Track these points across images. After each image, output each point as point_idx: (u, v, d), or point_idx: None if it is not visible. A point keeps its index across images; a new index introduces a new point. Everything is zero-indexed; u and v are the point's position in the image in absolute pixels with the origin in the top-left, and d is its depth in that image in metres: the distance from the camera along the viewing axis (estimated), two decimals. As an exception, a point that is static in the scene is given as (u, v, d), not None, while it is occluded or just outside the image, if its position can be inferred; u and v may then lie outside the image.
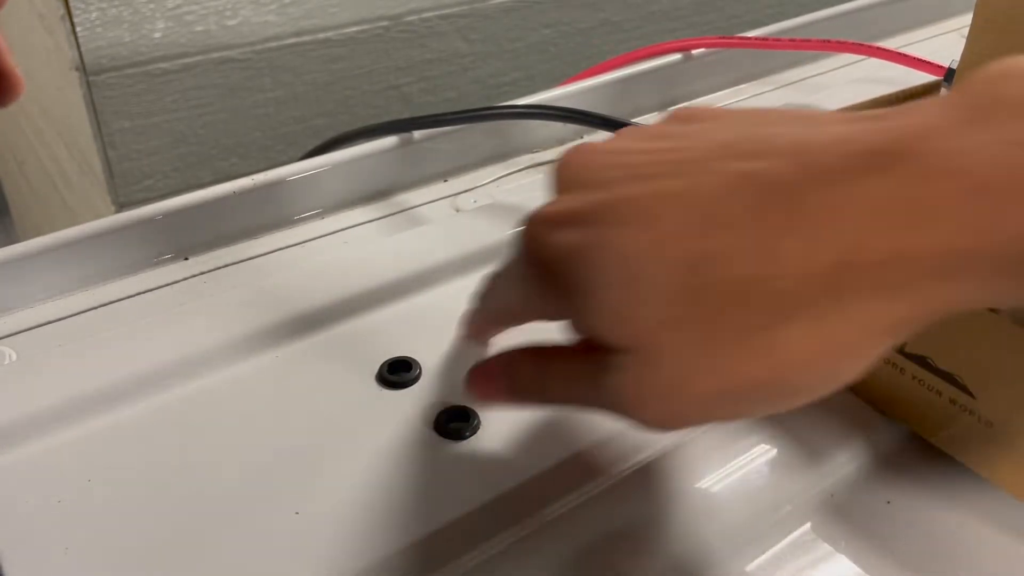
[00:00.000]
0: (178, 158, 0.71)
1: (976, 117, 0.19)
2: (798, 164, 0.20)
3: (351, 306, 0.38)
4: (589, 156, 0.25)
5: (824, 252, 0.19)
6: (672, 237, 0.21)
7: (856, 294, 0.20)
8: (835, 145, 0.20)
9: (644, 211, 0.21)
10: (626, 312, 0.21)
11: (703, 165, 0.22)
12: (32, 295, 0.39)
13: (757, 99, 0.59)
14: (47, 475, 0.30)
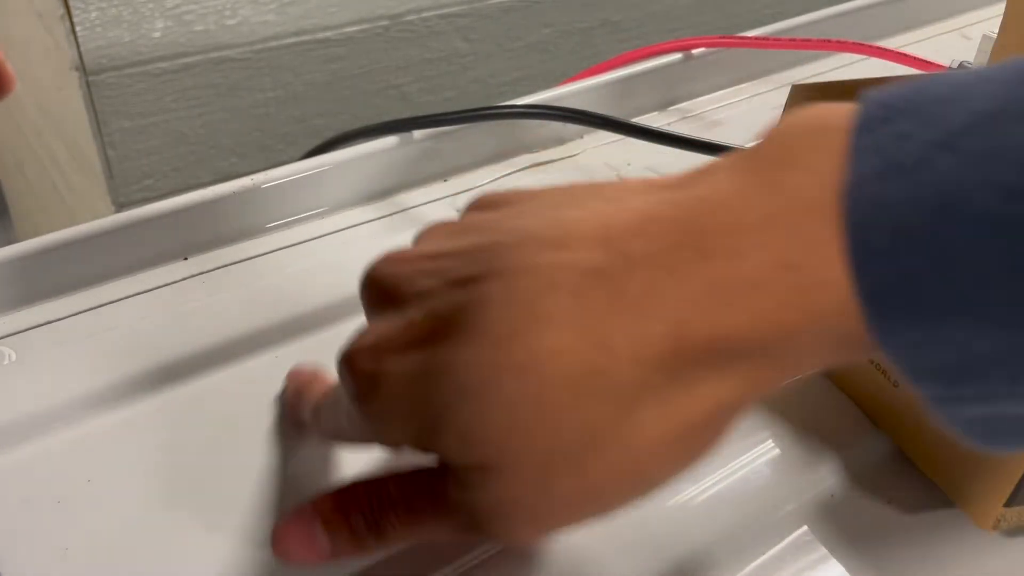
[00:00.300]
0: (178, 158, 0.71)
1: (766, 184, 0.19)
2: (607, 250, 0.20)
3: (351, 306, 0.38)
4: (399, 267, 0.24)
5: (653, 337, 0.19)
6: (502, 343, 0.20)
7: (692, 374, 0.19)
8: (639, 226, 0.20)
9: (469, 322, 0.20)
10: (474, 428, 0.20)
11: (516, 261, 0.21)
12: (32, 295, 0.39)
13: (757, 99, 0.59)
14: (47, 475, 0.30)
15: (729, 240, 0.19)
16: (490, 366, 0.20)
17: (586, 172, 0.50)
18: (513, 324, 0.20)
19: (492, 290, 0.21)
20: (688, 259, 0.19)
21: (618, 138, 0.53)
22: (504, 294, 0.20)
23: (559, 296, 0.20)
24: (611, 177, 0.49)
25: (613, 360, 0.19)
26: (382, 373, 0.22)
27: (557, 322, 0.20)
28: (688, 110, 0.58)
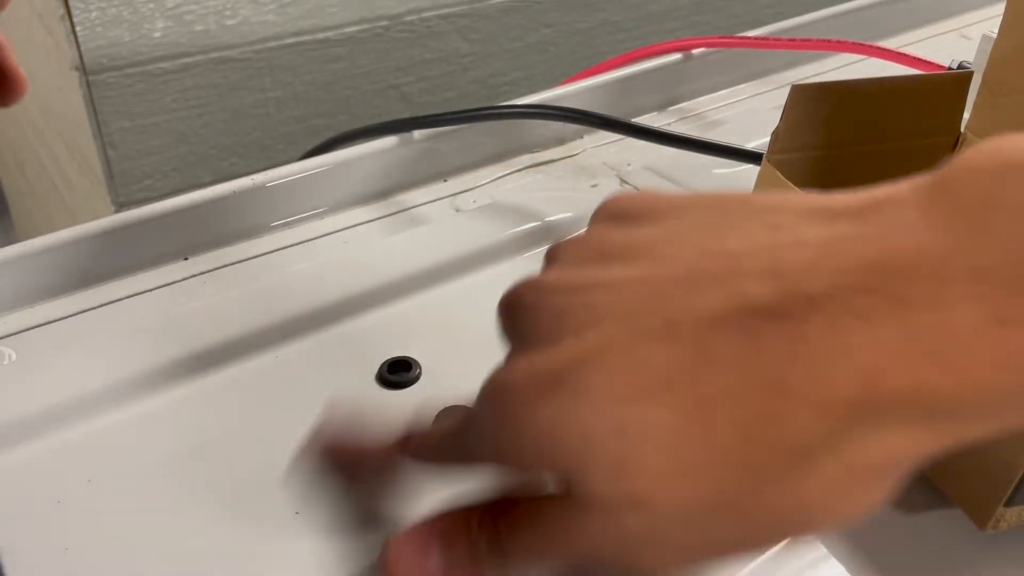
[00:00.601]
0: (178, 158, 0.71)
1: (973, 230, 0.18)
2: (782, 288, 0.19)
3: (351, 306, 0.38)
4: (543, 298, 0.22)
5: (838, 385, 0.18)
6: (663, 382, 0.19)
7: (878, 427, 0.18)
8: (819, 263, 0.19)
9: (626, 357, 0.19)
10: (632, 463, 0.19)
11: (677, 295, 0.20)
12: (32, 295, 0.39)
13: (757, 99, 0.59)
14: (47, 475, 0.30)
15: (932, 289, 0.18)
16: (650, 404, 0.19)
17: (586, 172, 0.50)
18: (675, 363, 0.19)
19: (652, 327, 0.19)
20: (882, 306, 0.18)
21: (618, 138, 0.53)
22: (665, 331, 0.19)
23: (728, 333, 0.19)
24: (611, 177, 0.49)
25: (789, 406, 0.18)
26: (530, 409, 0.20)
27: (727, 363, 0.19)
28: (688, 110, 0.58)
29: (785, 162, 0.34)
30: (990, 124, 0.36)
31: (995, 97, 0.36)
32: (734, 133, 0.50)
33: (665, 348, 0.19)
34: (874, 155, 0.37)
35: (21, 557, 0.27)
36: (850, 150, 0.36)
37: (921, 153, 0.38)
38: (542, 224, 0.44)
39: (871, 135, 0.36)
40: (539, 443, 0.20)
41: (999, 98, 0.35)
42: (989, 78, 0.36)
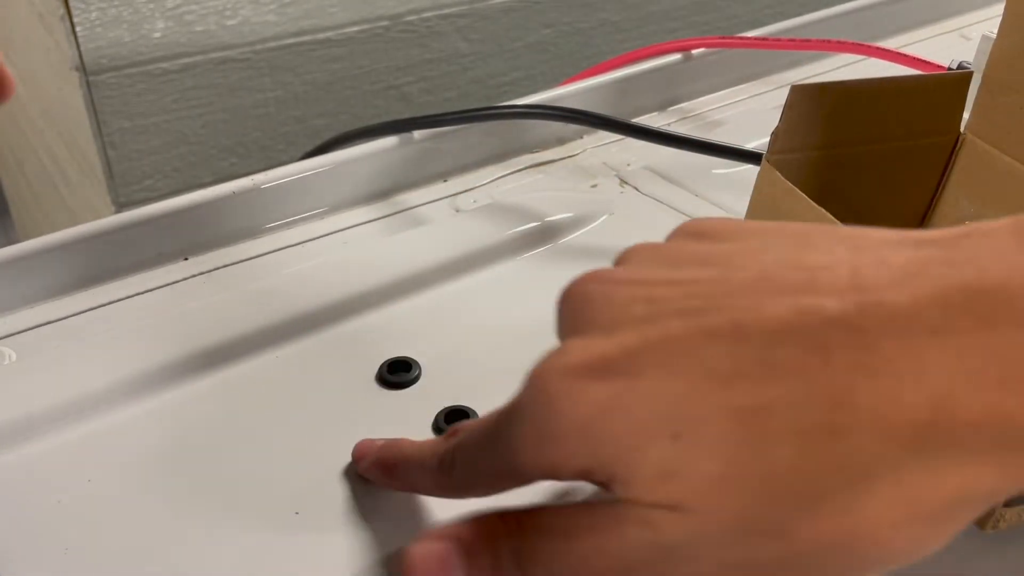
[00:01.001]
0: (178, 158, 0.71)
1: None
2: (860, 301, 0.18)
3: (351, 306, 0.38)
4: (607, 288, 0.21)
5: (906, 404, 0.17)
6: (722, 383, 0.18)
7: (944, 455, 0.17)
8: (901, 280, 0.18)
9: (687, 353, 0.19)
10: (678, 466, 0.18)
11: (747, 298, 0.19)
12: (32, 295, 0.39)
13: (757, 99, 0.59)
14: (47, 475, 0.30)
15: (1019, 313, 0.17)
16: (706, 404, 0.18)
17: (586, 172, 0.50)
18: (740, 365, 0.18)
19: (717, 325, 0.19)
20: (965, 326, 0.17)
21: (618, 138, 0.53)
22: (731, 331, 0.18)
23: (796, 341, 0.18)
24: (611, 177, 0.49)
25: (853, 422, 0.17)
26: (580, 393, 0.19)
27: (792, 372, 0.18)
28: (688, 110, 0.58)
29: (785, 162, 0.34)
30: (990, 124, 0.36)
31: (995, 97, 0.36)
32: (734, 133, 0.50)
33: (729, 349, 0.18)
34: (874, 155, 0.37)
35: (21, 557, 0.27)
36: (850, 150, 0.36)
37: (921, 153, 0.38)
38: (542, 224, 0.44)
39: (871, 135, 0.36)
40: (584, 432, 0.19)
41: (999, 98, 0.35)
42: (989, 78, 0.36)
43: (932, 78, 0.36)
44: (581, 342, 0.20)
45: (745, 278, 0.19)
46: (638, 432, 0.19)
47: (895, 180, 0.38)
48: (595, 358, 0.20)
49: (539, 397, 0.20)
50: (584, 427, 0.19)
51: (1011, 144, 0.35)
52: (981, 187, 0.37)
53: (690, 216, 0.46)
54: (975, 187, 0.37)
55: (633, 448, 0.19)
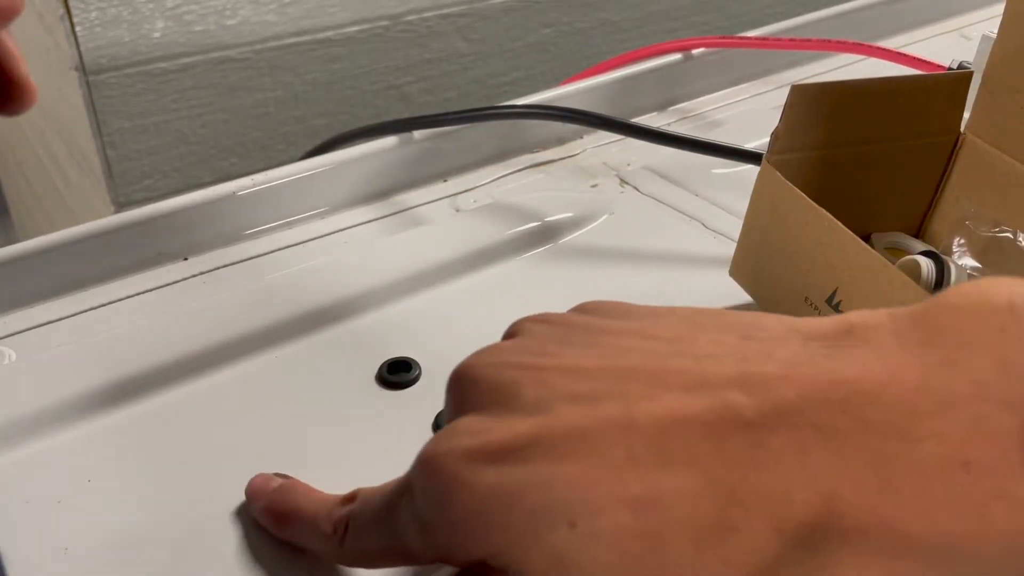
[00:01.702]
0: (178, 158, 0.71)
1: (946, 365, 0.17)
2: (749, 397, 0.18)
3: (351, 306, 0.38)
4: (497, 370, 0.21)
5: (796, 503, 0.17)
6: (616, 471, 0.18)
7: (834, 556, 0.17)
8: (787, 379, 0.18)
9: (580, 440, 0.18)
10: (569, 559, 0.18)
11: (638, 385, 0.19)
12: (32, 295, 0.39)
13: (757, 99, 0.59)
14: (47, 475, 0.30)
15: (899, 419, 0.17)
16: (602, 493, 0.18)
17: (586, 172, 0.50)
18: (634, 454, 0.18)
19: (609, 414, 0.19)
20: (847, 428, 0.17)
21: (618, 138, 0.53)
22: (622, 420, 0.18)
23: (690, 436, 0.18)
24: (611, 177, 0.49)
25: (747, 519, 0.17)
26: (474, 478, 0.19)
27: (685, 463, 0.18)
28: (688, 110, 0.58)
29: (785, 162, 0.34)
30: (990, 124, 0.36)
31: (995, 97, 0.36)
32: (734, 133, 0.50)
33: (621, 437, 0.18)
34: (874, 155, 0.37)
35: (21, 557, 0.27)
36: (850, 150, 0.36)
37: (921, 153, 0.38)
38: (542, 224, 0.44)
39: (871, 135, 0.36)
40: (477, 520, 0.19)
41: (999, 98, 0.35)
42: (989, 78, 0.36)
43: (932, 78, 0.36)
44: (473, 424, 0.20)
45: (635, 364, 0.20)
46: (533, 519, 0.18)
47: (895, 180, 0.38)
48: (488, 443, 0.19)
49: (432, 482, 0.20)
50: (478, 514, 0.19)
51: (1011, 144, 0.35)
52: (981, 187, 0.37)
53: (690, 216, 0.46)
54: (975, 187, 0.37)
55: (528, 535, 0.18)
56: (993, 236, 0.36)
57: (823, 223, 0.31)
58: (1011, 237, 0.36)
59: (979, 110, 0.36)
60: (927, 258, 0.35)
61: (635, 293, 0.40)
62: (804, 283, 0.33)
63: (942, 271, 0.34)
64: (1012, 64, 0.35)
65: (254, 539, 0.28)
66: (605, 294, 0.40)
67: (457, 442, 0.20)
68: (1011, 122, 0.35)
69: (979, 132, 0.37)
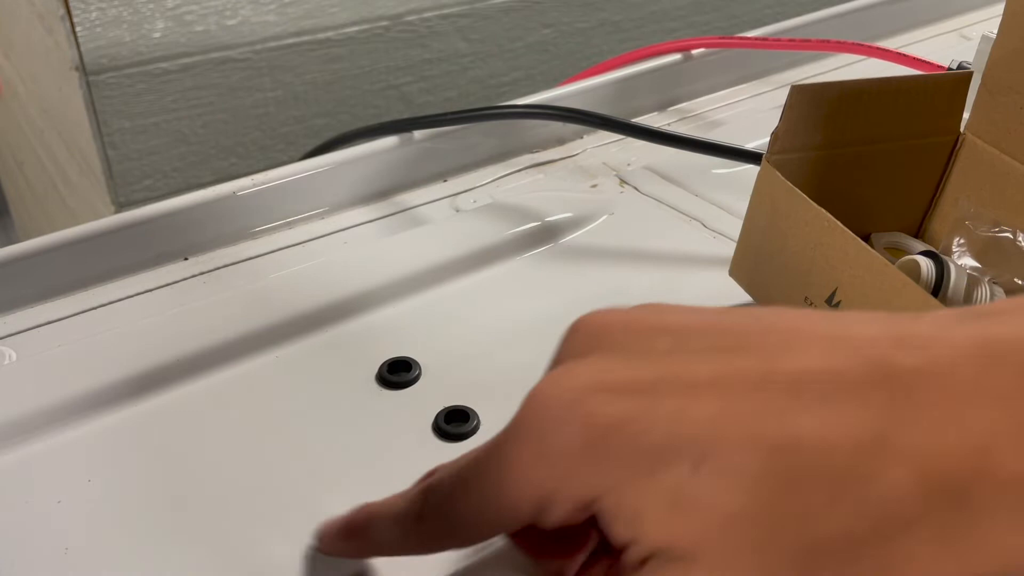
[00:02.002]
0: (178, 158, 0.71)
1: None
2: (897, 351, 0.17)
3: (351, 306, 0.38)
4: (629, 318, 0.20)
5: (951, 453, 0.16)
6: (754, 413, 0.17)
7: (992, 515, 0.16)
8: (938, 336, 0.17)
9: (723, 386, 0.18)
10: (690, 498, 0.17)
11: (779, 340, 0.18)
12: (32, 295, 0.39)
13: (757, 99, 0.59)
14: (47, 475, 0.30)
15: None
16: (734, 433, 0.17)
17: (586, 172, 0.50)
18: (773, 399, 0.17)
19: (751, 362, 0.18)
20: (1006, 384, 0.16)
21: (618, 138, 0.53)
22: (766, 368, 0.18)
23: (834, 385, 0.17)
24: (611, 177, 0.49)
25: (888, 469, 0.16)
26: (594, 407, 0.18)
27: (827, 410, 0.17)
28: (688, 110, 0.58)
29: (785, 162, 0.34)
30: (990, 124, 0.36)
31: (995, 97, 0.36)
32: (734, 133, 0.50)
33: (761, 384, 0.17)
34: (874, 155, 0.37)
35: (21, 557, 0.27)
36: (850, 150, 0.36)
37: (921, 153, 0.38)
38: (542, 224, 0.44)
39: (871, 135, 0.36)
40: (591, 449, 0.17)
41: (999, 98, 0.35)
42: (989, 78, 0.36)
43: (932, 78, 0.36)
44: (598, 362, 0.19)
45: (777, 325, 0.19)
46: (655, 454, 0.17)
47: (895, 180, 0.38)
48: (615, 377, 0.18)
49: (541, 411, 0.18)
50: (593, 445, 0.18)
51: (1011, 144, 0.35)
52: (981, 187, 0.37)
53: (690, 216, 0.46)
54: (975, 187, 0.37)
55: (647, 471, 0.17)
56: (993, 236, 0.36)
57: (823, 223, 0.31)
58: (1011, 237, 0.36)
59: (979, 110, 0.36)
60: (927, 258, 0.35)
61: (635, 293, 0.40)
62: (804, 283, 0.33)
63: (942, 271, 0.34)
64: (1012, 64, 0.35)
65: (254, 538, 0.28)
66: (605, 294, 0.40)
67: (578, 373, 0.19)
68: (1011, 122, 0.35)
69: (979, 132, 0.37)
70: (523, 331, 0.38)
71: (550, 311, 0.39)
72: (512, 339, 0.37)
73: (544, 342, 0.39)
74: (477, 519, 0.20)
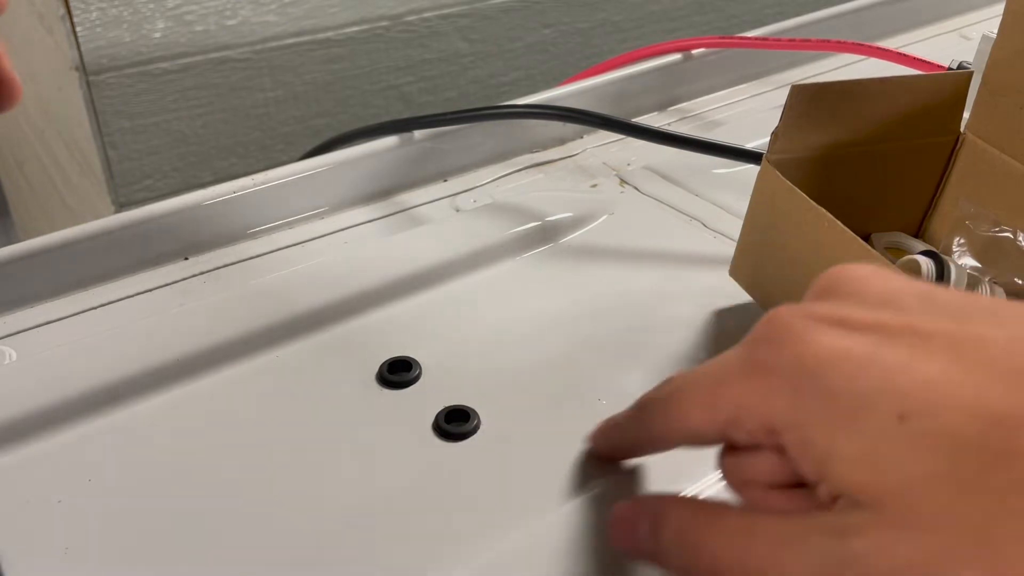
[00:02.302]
0: (178, 158, 0.71)
1: None
2: None
3: (351, 306, 0.38)
4: (886, 275, 0.20)
5: None
6: (980, 383, 0.17)
7: None
8: None
9: (956, 348, 0.17)
10: (886, 451, 0.17)
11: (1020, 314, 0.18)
12: (32, 295, 0.39)
13: (757, 99, 0.59)
14: (47, 475, 0.30)
15: None
16: (951, 394, 0.17)
17: (586, 172, 0.50)
18: (1006, 373, 0.17)
19: (991, 334, 0.18)
20: None
21: (618, 138, 0.53)
22: (1005, 342, 0.17)
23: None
24: (611, 177, 0.49)
25: None
26: (816, 335, 0.18)
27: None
28: (688, 110, 0.58)
29: (785, 162, 0.34)
30: (990, 124, 0.36)
31: (995, 97, 0.36)
32: (734, 133, 0.50)
33: (991, 353, 0.17)
34: (874, 155, 0.37)
35: (21, 557, 0.27)
36: (850, 150, 0.36)
37: (921, 153, 0.38)
38: (542, 224, 0.44)
39: (871, 135, 0.36)
40: (801, 371, 0.18)
41: (999, 98, 0.35)
42: (989, 78, 0.36)
43: (932, 78, 0.36)
44: (836, 303, 0.19)
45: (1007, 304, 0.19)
46: (862, 398, 0.17)
47: (895, 180, 0.38)
48: (847, 315, 0.18)
49: (767, 326, 0.19)
50: (803, 370, 0.18)
51: (1011, 144, 0.35)
52: (981, 187, 0.37)
53: (690, 216, 0.46)
54: (975, 187, 0.37)
55: (849, 414, 0.17)
56: (993, 236, 0.36)
57: (823, 223, 0.31)
58: (1011, 237, 0.36)
59: (979, 110, 0.36)
60: (927, 258, 0.35)
61: (635, 293, 0.40)
62: (804, 283, 0.33)
63: (942, 271, 0.34)
64: (1012, 64, 0.35)
65: (254, 538, 0.28)
66: (605, 294, 0.40)
67: (817, 307, 0.19)
68: (1011, 122, 0.35)
69: (979, 132, 0.37)
70: (523, 331, 0.38)
71: (550, 311, 0.39)
72: (512, 339, 0.37)
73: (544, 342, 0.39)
74: (679, 423, 0.22)
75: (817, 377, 0.18)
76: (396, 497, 0.30)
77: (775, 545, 0.18)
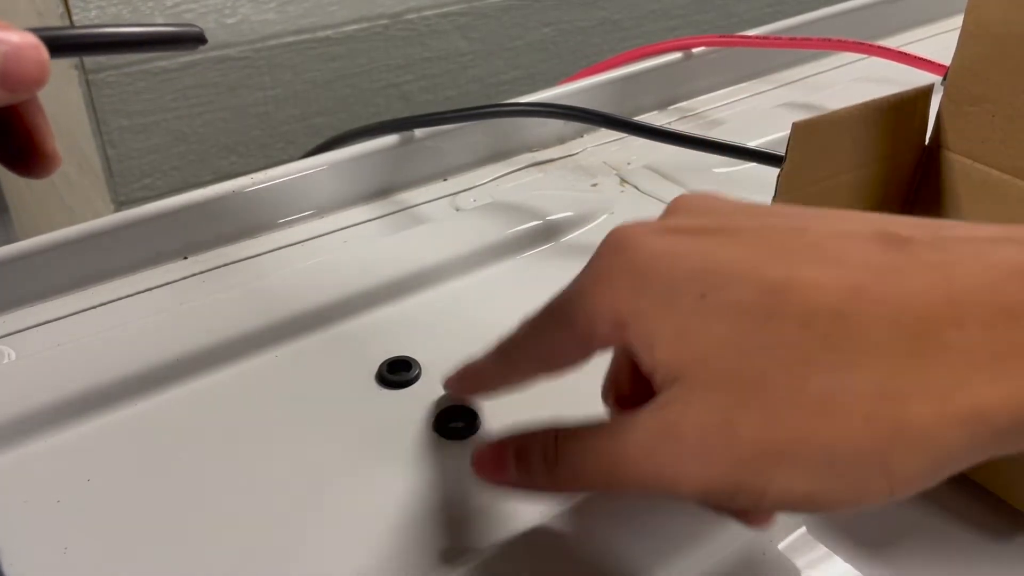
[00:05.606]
0: (177, 156, 0.71)
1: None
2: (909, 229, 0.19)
3: (351, 306, 0.38)
4: (711, 196, 0.24)
5: (932, 302, 0.18)
6: (766, 261, 0.19)
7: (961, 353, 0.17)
8: None
9: (756, 236, 0.20)
10: (692, 327, 0.19)
11: (824, 222, 0.20)
12: (31, 294, 0.39)
13: (757, 98, 0.59)
14: (47, 475, 0.30)
15: None
16: (737, 270, 0.19)
17: (586, 171, 0.50)
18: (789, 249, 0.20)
19: (788, 222, 0.21)
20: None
21: (618, 137, 0.53)
22: (799, 227, 0.20)
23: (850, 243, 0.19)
24: (611, 176, 0.49)
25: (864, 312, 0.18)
26: (647, 241, 0.21)
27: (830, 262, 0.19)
28: (688, 109, 0.58)
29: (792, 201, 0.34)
30: (959, 135, 0.36)
31: (960, 107, 0.35)
32: (734, 132, 0.50)
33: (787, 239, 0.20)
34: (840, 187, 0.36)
35: (21, 557, 0.27)
36: (845, 177, 0.35)
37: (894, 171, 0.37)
38: (542, 223, 0.44)
39: (862, 159, 0.35)
40: (638, 272, 0.20)
41: (965, 108, 0.35)
42: (953, 89, 0.35)
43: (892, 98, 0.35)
44: (669, 217, 0.23)
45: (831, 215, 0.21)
46: (677, 283, 0.20)
47: (872, 204, 0.37)
48: (674, 223, 0.22)
49: (608, 239, 0.22)
50: (638, 270, 0.21)
51: (986, 153, 0.35)
52: (956, 198, 0.37)
53: (690, 215, 0.46)
54: (950, 199, 0.37)
55: (667, 300, 0.20)
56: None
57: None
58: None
59: (945, 122, 0.36)
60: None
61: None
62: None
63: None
64: (976, 74, 0.34)
65: (254, 538, 0.28)
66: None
67: (647, 221, 0.23)
68: (984, 131, 0.35)
69: (948, 144, 0.36)
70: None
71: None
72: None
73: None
74: (540, 347, 0.25)
75: (646, 273, 0.21)
76: (396, 496, 0.30)
77: (616, 439, 0.21)
